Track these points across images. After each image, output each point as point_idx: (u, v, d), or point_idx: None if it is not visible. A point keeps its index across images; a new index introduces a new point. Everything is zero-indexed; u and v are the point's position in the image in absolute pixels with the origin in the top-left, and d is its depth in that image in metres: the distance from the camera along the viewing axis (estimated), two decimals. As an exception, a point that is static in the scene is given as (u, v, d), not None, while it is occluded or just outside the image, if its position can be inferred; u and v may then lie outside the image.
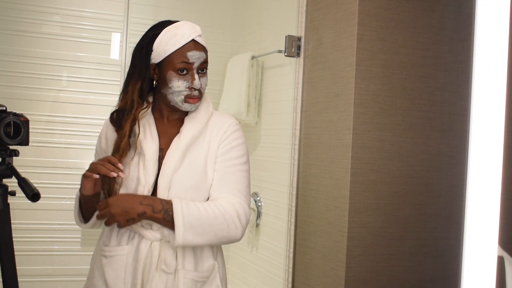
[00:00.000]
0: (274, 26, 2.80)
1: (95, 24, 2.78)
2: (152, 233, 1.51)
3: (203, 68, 1.57)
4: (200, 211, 1.46)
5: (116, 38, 2.80)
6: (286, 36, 2.45)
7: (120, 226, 1.48)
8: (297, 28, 2.47)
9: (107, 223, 1.49)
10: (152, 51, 1.55)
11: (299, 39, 2.45)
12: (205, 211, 1.47)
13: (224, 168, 1.56)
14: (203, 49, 1.56)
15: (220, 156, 1.57)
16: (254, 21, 3.05)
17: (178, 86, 1.53)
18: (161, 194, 1.50)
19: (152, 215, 1.45)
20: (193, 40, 1.54)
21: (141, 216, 1.45)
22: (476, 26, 0.72)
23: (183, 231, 1.44)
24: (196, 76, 1.54)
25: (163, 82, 1.55)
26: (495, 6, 0.71)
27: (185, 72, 1.53)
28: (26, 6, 2.68)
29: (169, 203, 1.46)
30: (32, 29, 2.69)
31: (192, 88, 1.54)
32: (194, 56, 1.54)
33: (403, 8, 2.14)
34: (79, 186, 1.56)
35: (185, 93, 1.54)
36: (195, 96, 1.55)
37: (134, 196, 1.47)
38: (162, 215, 1.45)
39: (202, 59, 1.56)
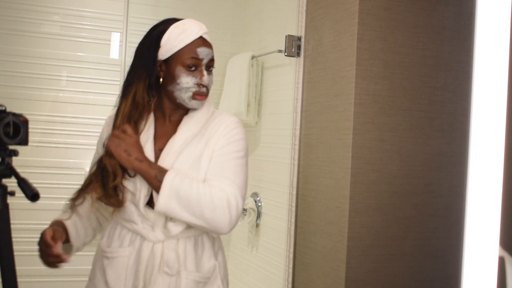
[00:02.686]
0: (274, 26, 2.79)
1: (95, 24, 2.78)
2: (155, 235, 1.50)
3: (210, 65, 1.57)
4: (192, 185, 1.44)
5: (116, 38, 2.80)
6: (286, 36, 2.45)
7: (122, 164, 1.46)
8: (297, 28, 2.47)
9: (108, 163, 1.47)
10: (159, 47, 1.53)
11: (299, 39, 2.45)
12: (196, 187, 1.44)
13: (222, 161, 1.51)
14: (211, 46, 1.57)
15: (217, 150, 1.53)
16: (254, 21, 3.05)
17: (187, 82, 1.52)
18: (156, 196, 1.49)
19: (147, 170, 1.45)
20: (201, 37, 1.54)
21: (138, 164, 1.45)
22: (476, 25, 0.72)
23: (168, 196, 1.43)
24: (205, 72, 1.54)
25: (171, 79, 1.53)
26: (495, 5, 0.71)
27: (193, 68, 1.53)
28: (26, 6, 2.68)
29: (165, 170, 1.46)
30: (31, 29, 2.69)
31: (201, 84, 1.53)
32: (204, 53, 1.53)
33: (404, 7, 2.13)
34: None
35: (194, 89, 1.53)
36: (203, 93, 1.54)
37: (139, 146, 1.49)
38: (155, 173, 1.44)
39: (210, 56, 1.56)
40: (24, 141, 1.38)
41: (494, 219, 0.70)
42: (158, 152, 1.55)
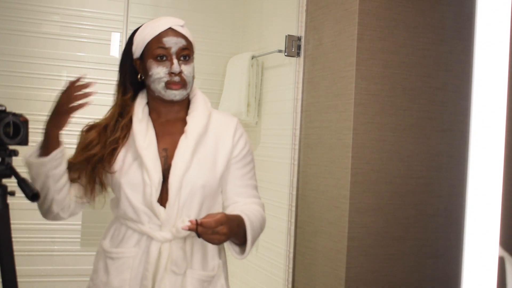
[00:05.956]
0: (274, 26, 2.79)
1: (95, 24, 2.78)
2: (162, 235, 1.49)
3: (184, 55, 1.55)
4: (258, 226, 1.54)
5: (116, 38, 2.80)
6: (286, 35, 2.45)
7: (213, 243, 1.41)
8: (297, 28, 2.47)
9: (212, 241, 1.39)
10: (132, 44, 1.58)
11: (299, 38, 2.45)
12: (259, 224, 1.56)
13: (244, 175, 1.62)
14: (182, 36, 1.55)
15: (236, 163, 1.60)
16: (254, 21, 3.05)
17: (157, 73, 1.52)
18: (172, 194, 1.49)
19: (238, 233, 1.47)
20: (171, 28, 1.55)
21: (234, 236, 1.47)
22: (476, 25, 0.72)
23: (250, 247, 1.51)
24: (174, 61, 1.53)
25: (145, 73, 1.56)
26: (495, 5, 0.71)
27: (164, 58, 1.53)
28: (26, 5, 2.68)
29: (241, 220, 1.48)
30: (31, 29, 2.69)
31: (172, 73, 1.52)
32: (171, 41, 1.53)
33: (404, 7, 2.13)
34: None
35: (165, 79, 1.53)
36: (176, 82, 1.53)
37: (236, 218, 1.46)
38: (240, 231, 1.48)
39: (180, 45, 1.54)
40: (24, 141, 1.38)
41: (494, 219, 0.69)
42: (162, 151, 1.55)
